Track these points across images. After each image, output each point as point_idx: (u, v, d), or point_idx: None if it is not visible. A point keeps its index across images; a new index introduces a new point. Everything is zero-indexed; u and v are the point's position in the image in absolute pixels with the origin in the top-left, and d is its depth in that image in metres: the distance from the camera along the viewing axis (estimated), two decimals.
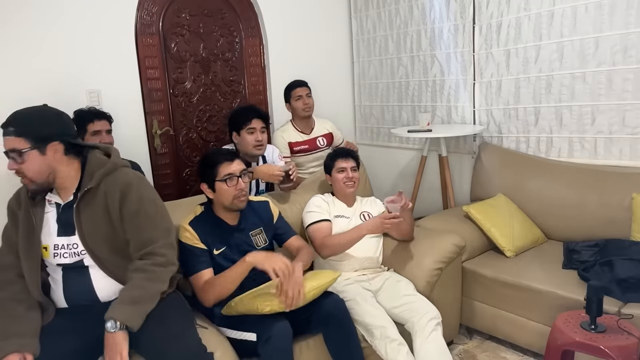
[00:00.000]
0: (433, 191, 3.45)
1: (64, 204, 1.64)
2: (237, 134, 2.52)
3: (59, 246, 1.62)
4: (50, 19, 2.55)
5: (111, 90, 2.75)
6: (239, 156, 1.99)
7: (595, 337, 1.70)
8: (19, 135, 1.52)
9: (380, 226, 2.09)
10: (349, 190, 2.32)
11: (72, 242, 1.62)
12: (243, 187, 1.91)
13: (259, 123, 2.50)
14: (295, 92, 3.02)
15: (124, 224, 1.61)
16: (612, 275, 2.05)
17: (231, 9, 3.28)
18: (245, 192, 1.93)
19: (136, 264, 1.60)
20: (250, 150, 2.49)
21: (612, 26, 2.48)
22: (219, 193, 1.91)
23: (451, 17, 3.17)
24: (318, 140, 3.11)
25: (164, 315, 1.60)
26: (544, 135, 2.85)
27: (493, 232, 2.50)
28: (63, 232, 1.63)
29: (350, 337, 1.85)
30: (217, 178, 1.89)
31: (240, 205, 1.93)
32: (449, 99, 3.30)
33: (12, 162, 1.54)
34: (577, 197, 2.51)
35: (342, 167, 2.33)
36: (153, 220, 1.65)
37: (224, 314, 1.83)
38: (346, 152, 2.38)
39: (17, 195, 1.67)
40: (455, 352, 2.38)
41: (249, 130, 2.48)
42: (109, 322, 1.49)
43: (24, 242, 1.61)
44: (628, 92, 2.49)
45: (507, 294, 2.28)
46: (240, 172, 1.92)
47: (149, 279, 1.58)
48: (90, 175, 1.62)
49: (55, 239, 1.62)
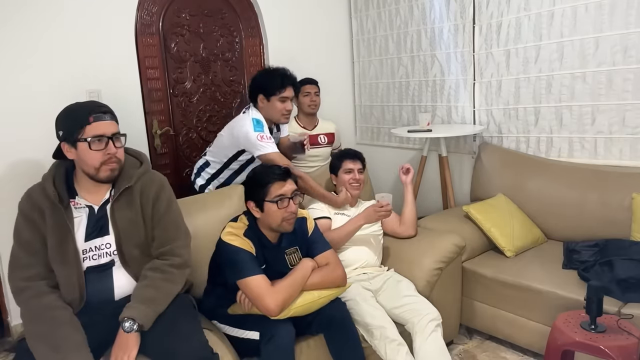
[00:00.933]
0: (433, 191, 3.45)
1: (99, 206, 1.63)
2: (267, 99, 2.36)
3: (87, 250, 1.60)
4: (50, 19, 2.55)
5: (111, 90, 2.74)
6: (291, 176, 1.87)
7: (595, 337, 1.70)
8: (114, 120, 1.60)
9: (374, 215, 2.14)
10: (354, 192, 2.33)
11: (104, 243, 1.61)
12: (294, 209, 1.81)
13: (291, 92, 2.38)
14: (305, 88, 3.03)
15: (153, 222, 1.66)
16: (612, 275, 2.05)
17: (231, 9, 3.28)
18: (295, 215, 1.83)
19: (154, 263, 1.63)
20: (278, 118, 2.40)
21: (612, 26, 2.48)
22: (267, 214, 1.80)
23: (451, 17, 3.17)
24: (319, 137, 3.13)
25: (173, 316, 1.60)
26: (544, 135, 2.85)
27: (493, 232, 2.49)
28: (94, 235, 1.61)
29: (351, 340, 1.84)
30: (266, 198, 1.78)
31: (289, 228, 1.83)
32: (449, 99, 3.30)
33: (111, 146, 1.56)
34: (577, 197, 2.51)
35: (349, 168, 2.33)
36: (176, 221, 1.72)
37: (231, 313, 1.82)
38: (354, 154, 2.39)
39: (29, 198, 1.60)
40: (455, 352, 2.38)
41: (282, 99, 2.35)
42: (127, 322, 1.49)
43: (58, 249, 1.55)
44: (628, 92, 2.49)
45: (507, 294, 2.28)
46: (292, 194, 1.81)
47: (165, 280, 1.61)
48: (127, 174, 1.64)
49: (83, 244, 1.60)
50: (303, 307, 1.75)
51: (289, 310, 1.71)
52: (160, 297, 1.59)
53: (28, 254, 1.56)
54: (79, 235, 1.59)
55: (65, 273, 1.56)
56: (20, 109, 2.50)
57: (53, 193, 1.55)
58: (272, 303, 1.67)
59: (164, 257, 1.65)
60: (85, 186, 1.62)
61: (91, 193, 1.63)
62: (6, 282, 2.50)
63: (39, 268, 1.55)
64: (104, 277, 1.62)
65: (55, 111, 1.61)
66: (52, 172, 1.62)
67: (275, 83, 2.34)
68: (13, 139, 2.49)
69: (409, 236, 2.38)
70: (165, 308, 1.59)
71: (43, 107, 2.53)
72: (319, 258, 1.90)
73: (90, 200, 1.63)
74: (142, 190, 1.66)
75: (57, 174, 1.62)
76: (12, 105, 2.49)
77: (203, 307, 1.86)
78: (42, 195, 1.57)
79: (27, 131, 2.50)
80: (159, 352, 1.52)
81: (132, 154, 1.75)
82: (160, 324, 1.55)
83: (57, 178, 1.61)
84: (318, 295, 1.78)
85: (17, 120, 2.49)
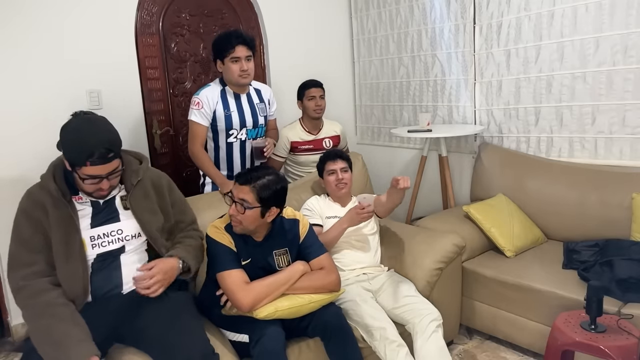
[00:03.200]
0: (433, 191, 3.45)
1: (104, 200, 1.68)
2: (222, 63, 2.38)
3: (95, 237, 1.63)
4: (50, 19, 2.55)
5: (111, 90, 2.75)
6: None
7: (595, 337, 1.70)
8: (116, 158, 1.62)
9: (357, 217, 2.13)
10: (341, 192, 2.32)
11: (116, 229, 1.66)
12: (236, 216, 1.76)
13: (243, 51, 2.32)
14: (310, 91, 2.97)
15: (174, 208, 1.86)
16: (612, 275, 2.05)
17: (231, 9, 3.28)
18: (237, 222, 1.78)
19: (188, 233, 1.88)
20: (236, 80, 2.37)
21: (612, 26, 2.48)
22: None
23: (452, 17, 3.17)
24: (324, 141, 3.09)
25: (175, 312, 1.61)
26: (544, 135, 2.84)
27: (493, 232, 2.49)
28: (103, 222, 1.65)
29: (349, 345, 1.82)
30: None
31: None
32: (450, 98, 3.30)
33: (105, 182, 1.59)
34: (577, 197, 2.51)
35: (331, 170, 2.32)
36: (188, 207, 1.97)
37: (224, 314, 1.83)
38: (335, 154, 2.37)
39: (30, 195, 1.60)
40: (455, 352, 2.38)
41: (233, 59, 2.33)
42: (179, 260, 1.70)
43: (63, 243, 1.57)
44: (628, 92, 2.49)
45: (507, 294, 2.28)
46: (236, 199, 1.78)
47: (199, 246, 1.86)
48: (132, 171, 1.73)
49: (90, 231, 1.63)
50: (291, 310, 1.73)
51: (275, 311, 1.70)
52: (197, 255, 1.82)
53: (28, 252, 1.57)
54: (85, 225, 1.62)
55: (70, 267, 1.57)
56: (21, 109, 2.50)
57: (55, 189, 1.57)
58: (243, 298, 1.69)
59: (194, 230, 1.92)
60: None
61: None
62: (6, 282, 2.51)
63: (39, 266, 1.56)
64: (111, 269, 1.64)
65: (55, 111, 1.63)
66: (51, 171, 1.63)
67: (225, 44, 2.33)
68: (13, 139, 2.49)
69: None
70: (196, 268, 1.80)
71: (43, 107, 2.54)
72: (314, 262, 1.89)
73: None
74: (153, 183, 1.79)
75: (56, 172, 1.63)
76: (12, 105, 2.49)
77: (198, 301, 1.87)
78: (43, 192, 1.58)
79: (27, 131, 2.50)
80: (160, 346, 1.53)
81: (132, 155, 1.81)
82: (163, 319, 1.56)
83: (57, 176, 1.62)
84: (309, 300, 1.77)
85: (17, 120, 2.49)
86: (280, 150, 2.97)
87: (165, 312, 1.59)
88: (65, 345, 1.42)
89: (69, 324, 1.47)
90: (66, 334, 1.44)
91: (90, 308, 1.59)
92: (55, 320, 1.47)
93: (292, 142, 2.98)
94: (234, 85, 2.43)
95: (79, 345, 1.43)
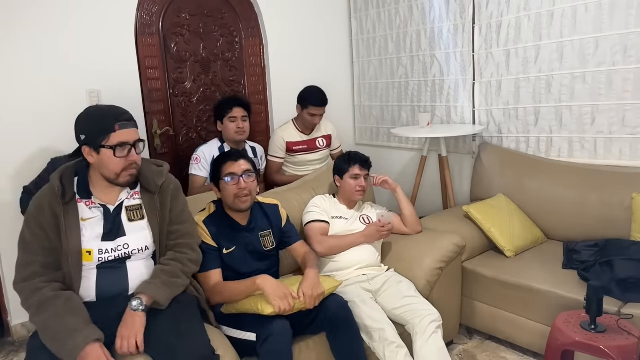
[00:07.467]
0: (433, 191, 3.45)
1: (115, 207, 1.65)
2: (221, 123, 2.71)
3: (103, 250, 1.61)
4: (50, 19, 2.55)
5: (111, 90, 2.74)
6: (245, 157, 1.99)
7: (595, 337, 1.70)
8: (137, 126, 1.63)
9: (376, 235, 2.24)
10: (357, 197, 2.34)
11: (122, 243, 1.64)
12: (244, 186, 1.90)
13: (240, 112, 2.68)
14: (313, 109, 2.98)
15: (172, 215, 1.75)
16: (612, 275, 2.05)
17: (231, 9, 3.28)
18: (248, 192, 1.92)
19: (175, 255, 1.72)
20: (232, 136, 2.68)
21: (612, 26, 2.48)
22: (222, 193, 1.95)
23: (451, 17, 3.17)
24: (318, 140, 3.12)
25: (176, 314, 1.61)
26: (544, 135, 2.85)
27: (493, 232, 2.49)
28: (111, 237, 1.62)
29: (355, 338, 1.84)
30: (221, 177, 1.93)
31: (242, 205, 1.92)
32: (449, 99, 3.30)
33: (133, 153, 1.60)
34: (577, 197, 2.51)
35: (357, 174, 2.32)
36: (191, 217, 1.85)
37: (224, 312, 1.83)
38: (365, 160, 2.37)
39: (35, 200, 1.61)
40: (455, 352, 2.38)
41: (231, 119, 2.66)
42: (135, 301, 1.53)
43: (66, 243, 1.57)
44: (628, 92, 2.49)
45: (507, 294, 2.28)
46: (243, 172, 1.91)
47: (183, 271, 1.70)
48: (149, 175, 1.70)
49: (100, 243, 1.61)
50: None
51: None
52: (176, 284, 1.66)
53: (26, 254, 1.58)
54: (95, 234, 1.61)
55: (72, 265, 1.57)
56: (21, 109, 2.50)
57: (58, 187, 1.56)
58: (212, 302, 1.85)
59: (183, 251, 1.73)
60: (101, 187, 1.65)
61: (106, 194, 1.66)
62: (6, 282, 2.51)
63: (35, 267, 1.56)
64: (117, 272, 1.64)
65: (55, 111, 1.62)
66: (60, 171, 1.63)
67: (224, 106, 2.69)
68: (13, 139, 2.48)
69: (417, 232, 2.42)
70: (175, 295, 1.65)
71: (43, 107, 2.54)
72: (295, 248, 2.09)
73: (105, 200, 1.65)
74: (164, 189, 1.74)
75: (65, 173, 1.63)
76: (12, 105, 2.49)
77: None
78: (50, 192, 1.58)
79: (27, 131, 2.50)
80: (160, 349, 1.52)
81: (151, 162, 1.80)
82: (163, 321, 1.56)
83: (65, 176, 1.62)
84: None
85: (17, 120, 2.49)
86: (277, 151, 2.98)
87: (166, 314, 1.59)
88: (60, 338, 1.44)
89: (62, 317, 1.48)
90: (60, 327, 1.46)
91: (94, 309, 1.58)
92: (50, 315, 1.48)
93: (287, 142, 3.00)
94: (232, 142, 2.72)
95: (73, 335, 1.43)
